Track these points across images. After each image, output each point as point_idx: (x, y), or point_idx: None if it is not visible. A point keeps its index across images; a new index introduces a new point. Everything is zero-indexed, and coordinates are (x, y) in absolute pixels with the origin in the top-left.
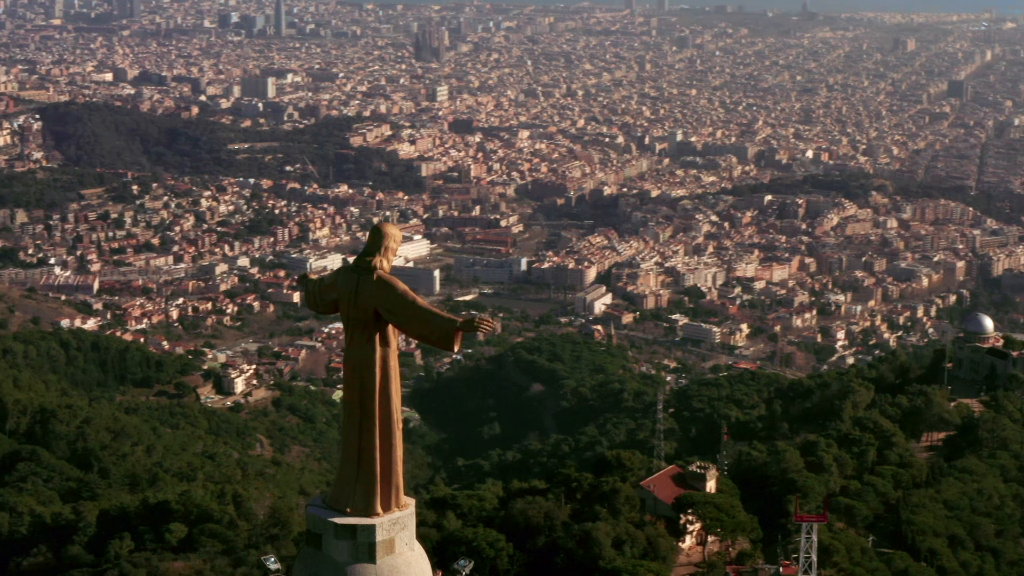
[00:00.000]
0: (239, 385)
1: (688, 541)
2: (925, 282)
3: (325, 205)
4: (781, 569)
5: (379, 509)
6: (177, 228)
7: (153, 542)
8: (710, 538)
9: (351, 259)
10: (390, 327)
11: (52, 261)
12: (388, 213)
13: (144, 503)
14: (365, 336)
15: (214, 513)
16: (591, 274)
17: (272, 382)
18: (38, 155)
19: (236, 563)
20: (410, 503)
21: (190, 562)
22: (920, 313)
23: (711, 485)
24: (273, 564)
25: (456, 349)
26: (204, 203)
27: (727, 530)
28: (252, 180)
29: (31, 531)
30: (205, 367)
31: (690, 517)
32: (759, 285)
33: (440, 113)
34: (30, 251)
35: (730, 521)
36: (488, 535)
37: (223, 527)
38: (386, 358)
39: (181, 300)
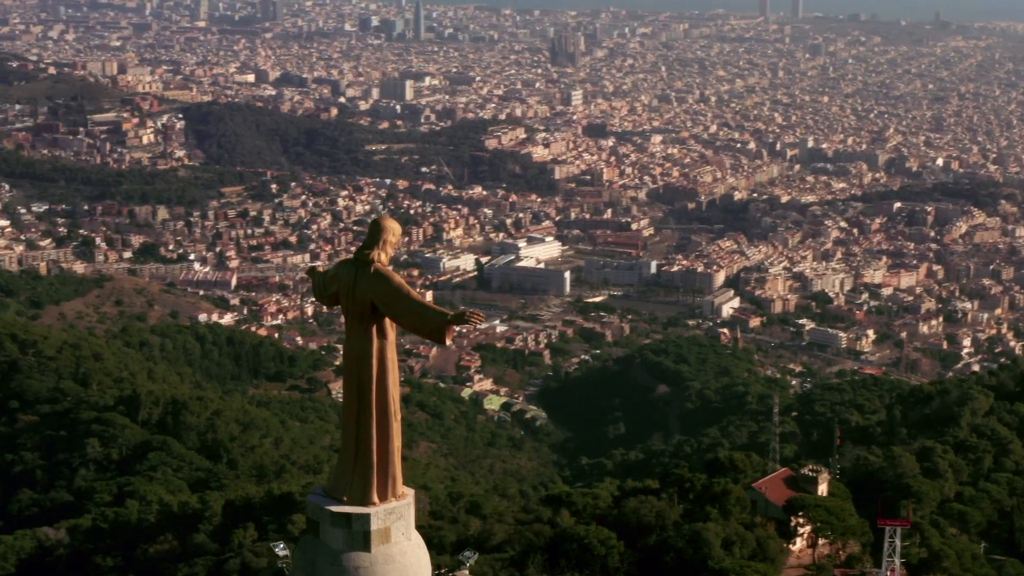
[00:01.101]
0: None
1: (798, 543)
2: None
3: (459, 206)
4: (889, 573)
5: (375, 499)
6: (314, 226)
7: (276, 532)
8: (820, 541)
9: (483, 259)
10: (387, 320)
11: (192, 257)
12: (521, 215)
13: (268, 494)
14: (363, 328)
15: None
16: (720, 278)
17: (402, 378)
18: (180, 153)
19: None
20: (408, 493)
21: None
22: None
23: (823, 488)
24: (282, 551)
25: (448, 342)
26: (341, 202)
27: (837, 533)
28: (388, 180)
29: (159, 519)
30: (337, 363)
31: (800, 520)
32: (886, 291)
33: (574, 117)
34: (171, 247)
35: (840, 524)
36: (600, 533)
37: None
38: (383, 350)
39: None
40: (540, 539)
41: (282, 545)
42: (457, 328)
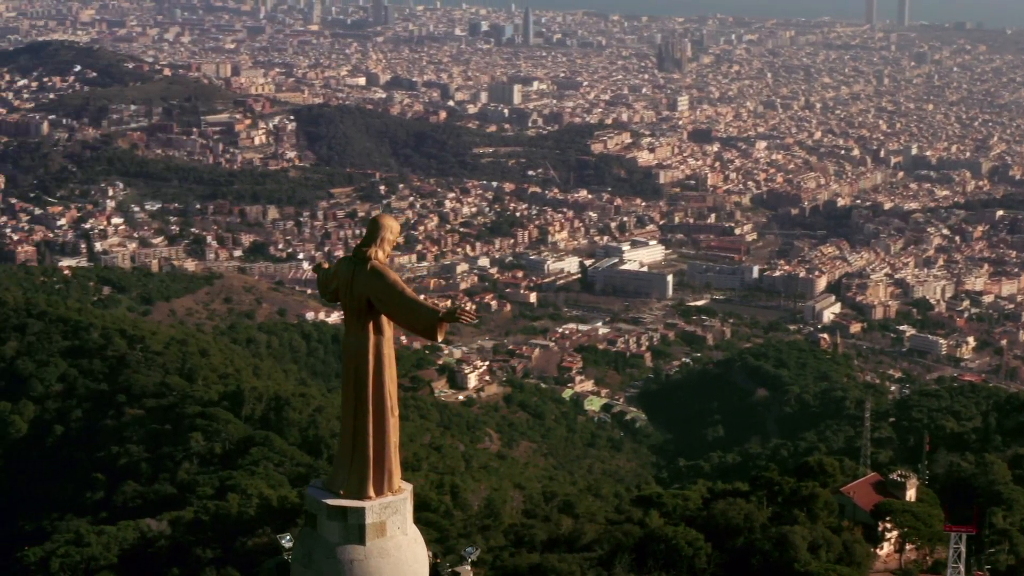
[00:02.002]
0: (472, 381)
1: (886, 548)
2: None
3: (564, 209)
4: None
5: (371, 493)
6: (421, 227)
7: None
8: (907, 546)
9: (588, 262)
10: (384, 317)
11: (300, 256)
12: (625, 219)
13: None
14: (360, 324)
15: (431, 502)
16: (821, 283)
17: (505, 379)
18: (291, 154)
19: (446, 551)
20: (406, 488)
21: None
22: None
23: (911, 494)
24: (288, 543)
25: (440, 339)
26: (448, 204)
27: (924, 539)
28: (495, 183)
29: (258, 512)
30: (440, 362)
31: (888, 524)
32: (987, 299)
33: (680, 122)
34: (280, 246)
35: (927, 530)
36: (688, 534)
37: (438, 516)
38: (379, 346)
39: (421, 297)
40: (629, 539)
41: (288, 537)
42: (449, 325)
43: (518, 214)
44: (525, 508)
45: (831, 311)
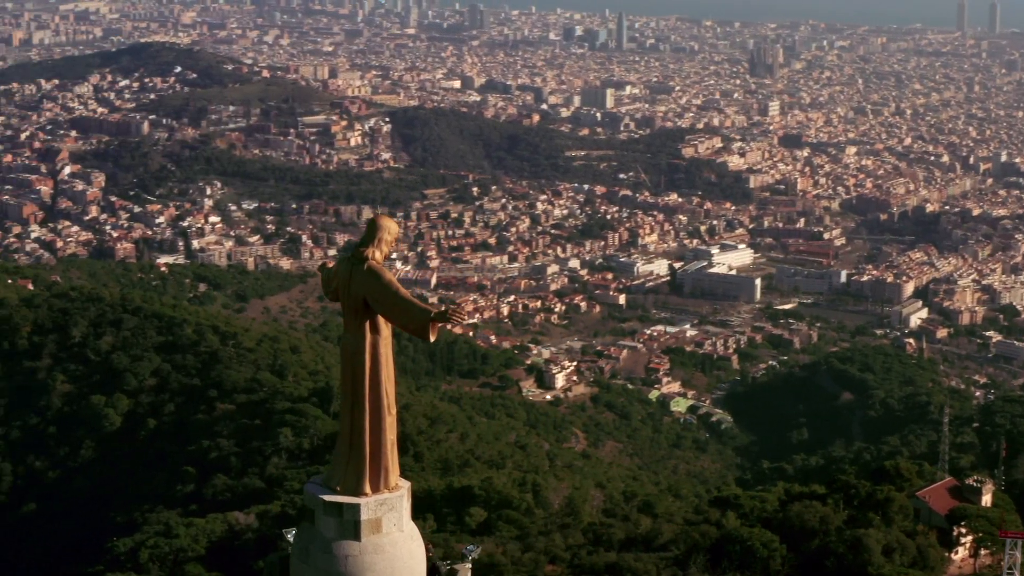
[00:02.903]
0: (560, 380)
1: (960, 553)
2: None
3: (655, 212)
4: None
5: (367, 490)
6: (513, 229)
7: (454, 524)
8: (982, 551)
9: (677, 265)
10: (380, 316)
11: (394, 256)
12: (715, 222)
13: (449, 487)
14: (357, 323)
15: (513, 500)
16: (908, 288)
17: (592, 379)
18: (386, 156)
19: (526, 548)
20: (403, 486)
21: (483, 545)
22: None
23: (987, 499)
24: (292, 537)
25: (432, 339)
26: (540, 206)
27: (999, 544)
28: (586, 186)
29: None
30: (529, 362)
31: (963, 529)
32: None
33: (771, 127)
34: None
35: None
36: (763, 535)
37: (520, 514)
38: (376, 345)
39: (512, 297)
40: (705, 540)
41: (293, 532)
42: (441, 325)
43: (609, 217)
44: (605, 507)
45: (918, 316)
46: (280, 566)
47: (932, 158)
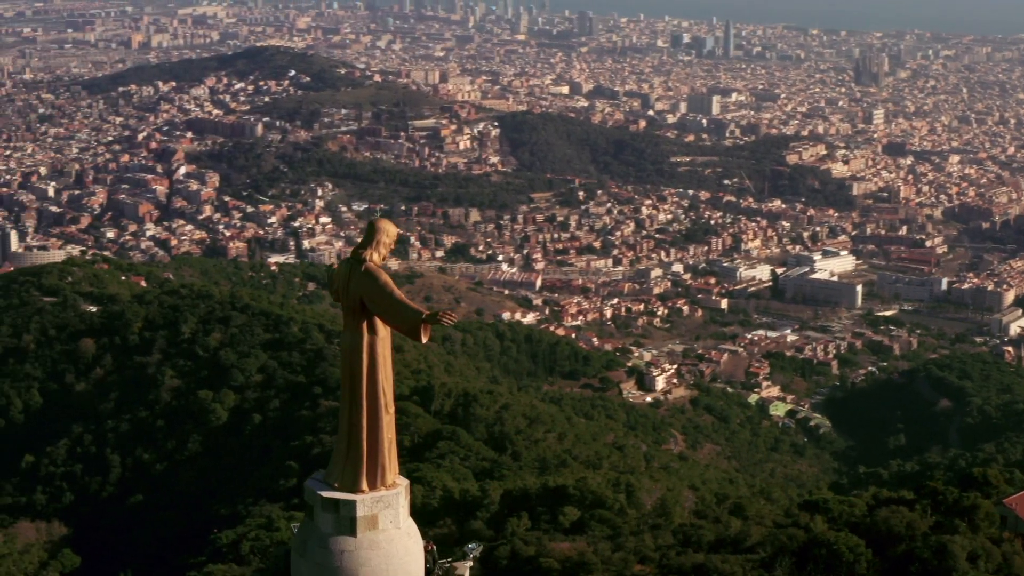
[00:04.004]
0: (660, 383)
1: None
2: None
3: (758, 218)
4: None
5: (364, 487)
6: (618, 233)
7: (547, 523)
8: None
9: (779, 270)
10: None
11: (500, 258)
12: (818, 229)
13: (544, 486)
14: (355, 323)
15: (607, 500)
16: (1009, 297)
17: (692, 382)
18: (494, 159)
19: (616, 548)
20: (400, 483)
21: (575, 544)
22: None
23: None
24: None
25: (424, 340)
26: (644, 211)
27: None
28: (691, 191)
29: (441, 504)
30: (630, 364)
31: None
32: None
33: (875, 135)
34: (480, 247)
35: None
36: (849, 540)
37: (612, 513)
38: (373, 345)
39: (616, 300)
40: (793, 543)
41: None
42: (432, 326)
43: (712, 222)
44: (696, 509)
45: (1018, 324)
46: (287, 557)
47: None
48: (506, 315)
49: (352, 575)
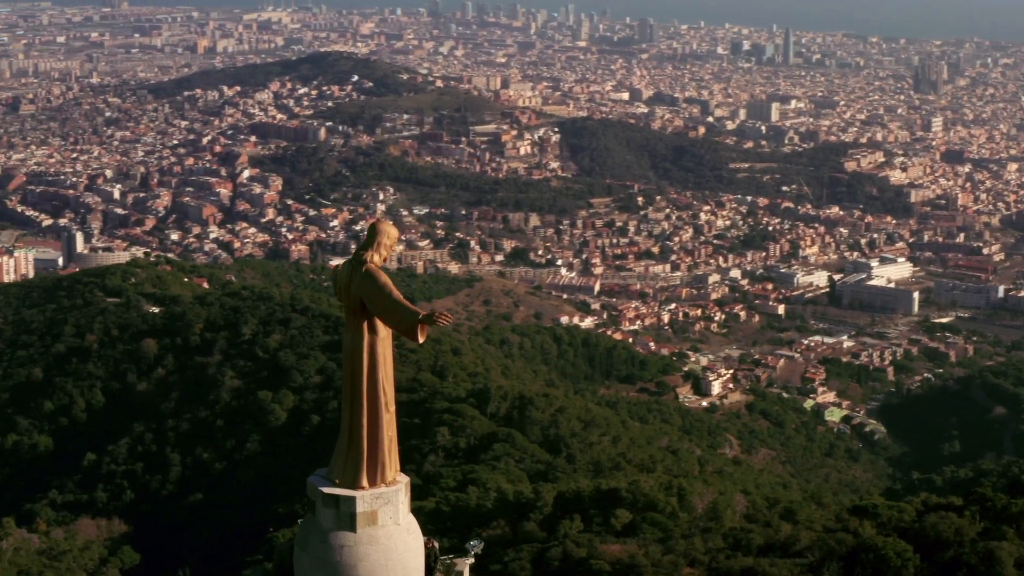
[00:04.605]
0: (716, 387)
1: None
2: None
3: (816, 225)
4: None
5: (364, 483)
6: (676, 238)
7: (599, 525)
8: None
9: (836, 277)
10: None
11: (559, 263)
12: (875, 235)
13: (597, 489)
14: (356, 323)
15: (658, 503)
16: None
17: (748, 387)
18: (554, 165)
19: (666, 551)
20: (401, 480)
21: (626, 546)
22: None
23: None
24: None
25: (421, 340)
26: (703, 217)
27: None
28: (749, 198)
29: (495, 506)
30: (686, 368)
31: None
32: None
33: (933, 143)
34: (540, 252)
35: None
36: (897, 545)
37: (664, 516)
38: (373, 344)
39: (673, 305)
40: (841, 547)
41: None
42: (429, 327)
43: (771, 228)
44: (747, 512)
45: None
46: (290, 552)
47: None
48: (564, 319)
49: (351, 569)
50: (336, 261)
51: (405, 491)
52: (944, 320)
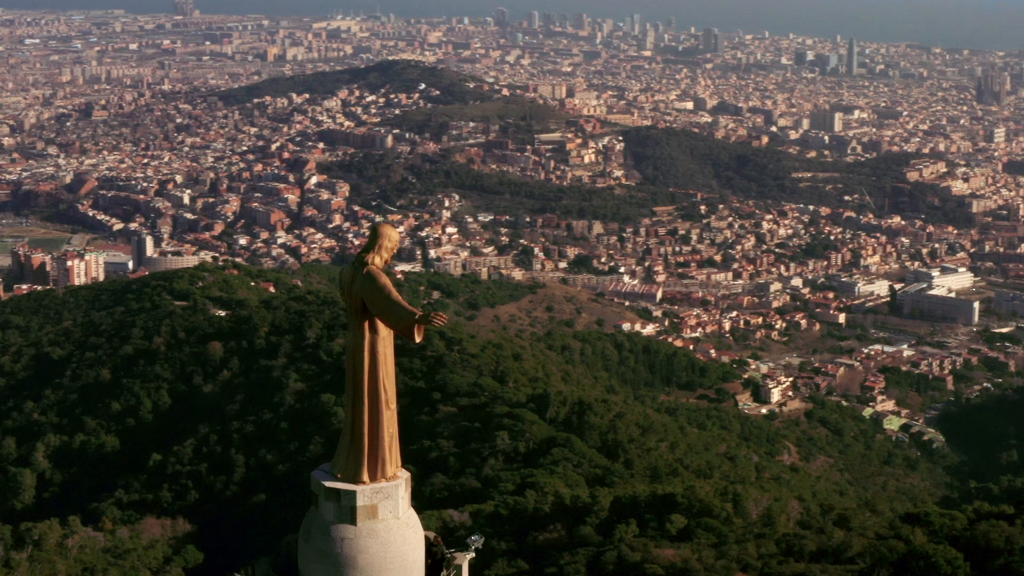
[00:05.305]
0: (775, 395)
1: None
2: None
3: (877, 234)
4: None
5: (365, 478)
6: (738, 247)
7: (655, 530)
8: None
9: (897, 286)
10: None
11: (622, 270)
12: (936, 245)
13: (653, 494)
14: (358, 323)
15: (714, 508)
16: None
17: (807, 395)
18: (618, 173)
19: (720, 556)
20: (401, 476)
21: (679, 551)
22: None
23: None
24: None
25: (418, 340)
26: (765, 225)
27: None
28: (812, 207)
29: (552, 510)
30: (746, 376)
31: None
32: None
33: (995, 154)
34: (603, 259)
35: None
36: (948, 552)
37: (719, 522)
38: (374, 344)
39: (735, 313)
40: (892, 554)
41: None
42: (426, 327)
43: (832, 237)
44: (801, 519)
45: None
46: (296, 545)
47: None
48: (626, 326)
49: (351, 561)
50: (403, 267)
51: (405, 486)
52: (1004, 330)
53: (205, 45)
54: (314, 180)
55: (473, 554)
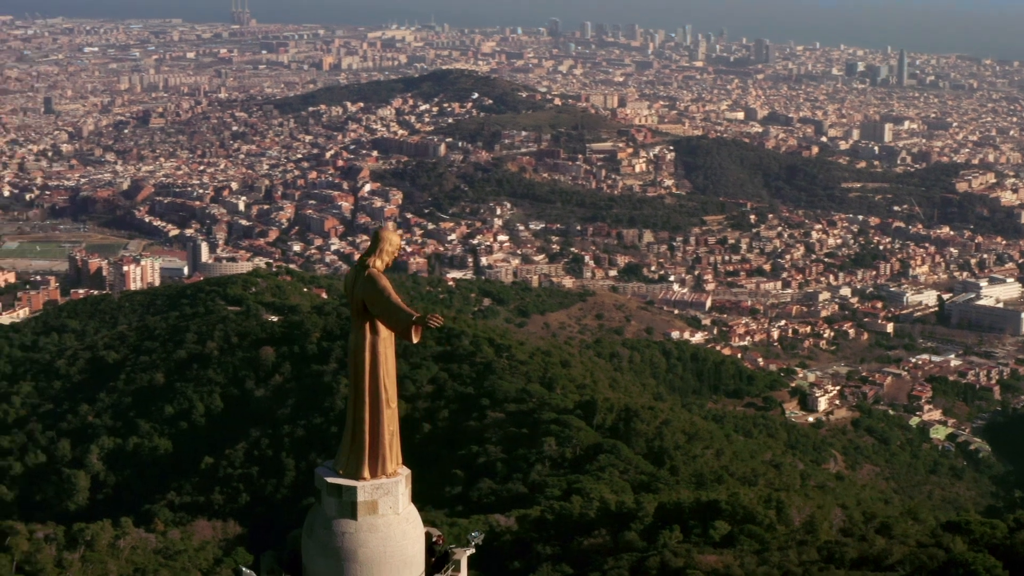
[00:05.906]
0: (822, 404)
1: None
2: None
3: (926, 245)
4: None
5: (366, 474)
6: (788, 256)
7: (698, 536)
8: None
9: (945, 296)
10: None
11: (671, 278)
12: (985, 256)
13: (697, 500)
14: (359, 324)
15: (757, 515)
16: None
17: (854, 403)
18: (668, 182)
19: (761, 562)
20: (401, 473)
21: (722, 557)
22: None
23: None
24: None
25: (416, 340)
26: (814, 235)
27: None
28: (861, 217)
29: (597, 515)
30: (793, 384)
31: None
32: None
33: None
34: (652, 268)
35: None
36: (987, 560)
37: (761, 529)
38: (375, 344)
39: (783, 322)
40: (933, 562)
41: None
42: (423, 328)
43: (881, 247)
44: (843, 527)
45: None
46: (298, 539)
47: None
48: (675, 334)
49: (352, 555)
50: (454, 274)
51: (405, 483)
52: None
53: (261, 54)
54: (367, 188)
55: (472, 550)
